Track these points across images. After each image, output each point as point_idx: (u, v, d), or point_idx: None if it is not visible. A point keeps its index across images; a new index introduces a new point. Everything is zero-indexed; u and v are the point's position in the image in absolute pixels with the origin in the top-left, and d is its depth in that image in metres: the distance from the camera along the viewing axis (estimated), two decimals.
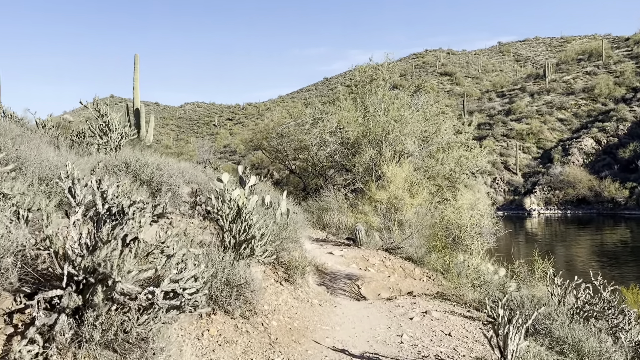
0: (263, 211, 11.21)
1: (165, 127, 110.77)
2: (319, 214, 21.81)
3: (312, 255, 14.39)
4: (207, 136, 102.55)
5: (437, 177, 22.78)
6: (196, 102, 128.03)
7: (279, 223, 11.37)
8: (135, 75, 35.02)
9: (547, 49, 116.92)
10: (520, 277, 10.99)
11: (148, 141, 33.22)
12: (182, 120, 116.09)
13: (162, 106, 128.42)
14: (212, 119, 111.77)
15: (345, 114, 22.73)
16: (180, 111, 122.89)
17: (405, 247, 16.38)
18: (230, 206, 8.30)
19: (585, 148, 68.03)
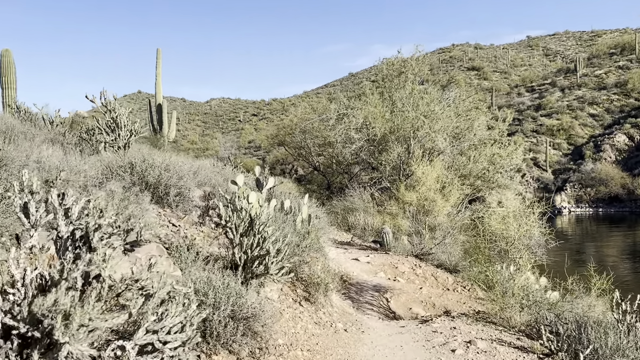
0: (282, 217, 9.96)
1: (192, 122, 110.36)
2: (344, 214, 20.53)
3: (336, 263, 13.14)
4: (232, 131, 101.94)
5: (470, 176, 21.30)
6: (222, 98, 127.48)
7: (300, 231, 10.12)
8: (157, 70, 34.08)
9: (577, 43, 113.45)
10: (573, 292, 9.56)
11: (171, 137, 32.25)
12: (207, 116, 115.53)
13: (188, 102, 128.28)
14: (238, 115, 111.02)
15: (372, 110, 21.35)
16: (206, 107, 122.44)
17: (436, 254, 15.01)
18: (242, 216, 7.05)
19: (617, 144, 65.43)
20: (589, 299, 9.78)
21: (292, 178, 49.10)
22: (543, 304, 8.83)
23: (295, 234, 9.37)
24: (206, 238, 8.71)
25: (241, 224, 7.03)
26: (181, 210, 9.89)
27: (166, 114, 32.01)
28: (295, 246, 8.56)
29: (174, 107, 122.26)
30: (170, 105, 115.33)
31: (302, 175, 43.27)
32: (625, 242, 40.36)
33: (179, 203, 9.84)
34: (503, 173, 21.61)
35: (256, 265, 6.93)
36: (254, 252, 6.96)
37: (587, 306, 8.71)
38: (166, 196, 9.66)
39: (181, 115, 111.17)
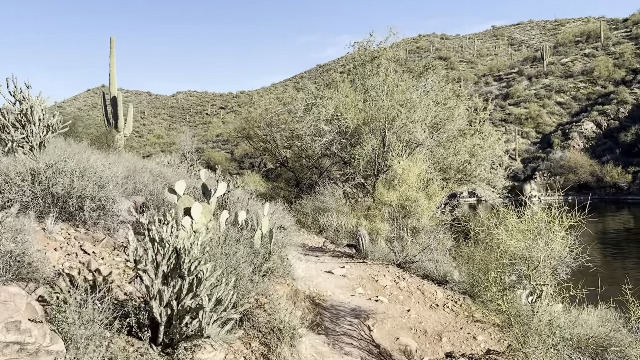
0: (235, 235, 7.60)
1: (158, 116, 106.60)
2: (315, 215, 18.26)
3: (305, 280, 10.84)
4: (199, 125, 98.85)
5: (450, 169, 19.20)
6: (188, 91, 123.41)
7: (258, 251, 7.78)
8: (111, 59, 31.01)
9: (541, 33, 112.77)
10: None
11: (127, 133, 29.49)
12: (174, 110, 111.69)
13: (154, 95, 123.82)
14: (205, 108, 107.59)
15: (343, 99, 19.01)
16: (173, 100, 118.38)
17: (421, 262, 12.84)
18: (162, 250, 4.67)
19: (585, 132, 64.69)
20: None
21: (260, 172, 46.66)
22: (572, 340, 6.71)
23: (249, 260, 7.03)
24: (127, 271, 6.30)
25: (163, 262, 4.65)
26: (102, 228, 7.44)
27: (122, 107, 29.07)
28: (248, 282, 6.21)
29: (140, 100, 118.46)
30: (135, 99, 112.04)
31: (271, 169, 40.88)
32: (596, 229, 39.16)
33: (98, 220, 7.39)
34: (486, 165, 19.57)
35: (186, 323, 4.58)
36: (183, 303, 4.61)
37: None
38: (79, 211, 7.21)
39: (147, 109, 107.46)
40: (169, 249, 4.65)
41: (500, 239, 6.75)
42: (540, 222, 6.46)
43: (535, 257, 6.40)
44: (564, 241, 6.48)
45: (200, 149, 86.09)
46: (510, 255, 6.58)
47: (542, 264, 6.42)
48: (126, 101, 32.79)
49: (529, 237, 6.52)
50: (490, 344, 9.30)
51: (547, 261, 6.44)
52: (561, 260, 6.44)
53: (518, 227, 6.60)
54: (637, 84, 66.21)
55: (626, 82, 68.13)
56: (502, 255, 6.75)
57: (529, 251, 6.41)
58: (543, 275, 6.52)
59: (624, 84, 67.86)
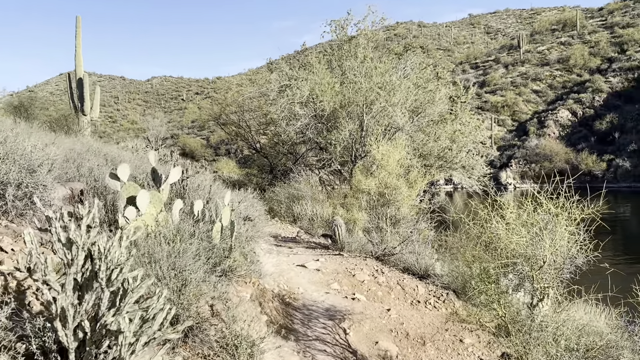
0: (189, 228, 6.44)
1: (132, 101, 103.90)
2: (289, 203, 17.11)
3: (275, 275, 9.74)
4: (175, 111, 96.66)
5: (430, 156, 18.20)
6: (164, 76, 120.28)
7: (217, 247, 6.62)
8: (77, 40, 29.21)
9: (517, 21, 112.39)
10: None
11: (94, 116, 27.89)
12: (149, 95, 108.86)
13: (128, 80, 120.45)
14: (180, 94, 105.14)
15: (319, 81, 17.79)
16: (147, 85, 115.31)
17: (402, 254, 11.81)
18: (71, 254, 3.49)
19: (561, 120, 64.47)
20: None
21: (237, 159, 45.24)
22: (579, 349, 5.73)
23: (205, 259, 5.88)
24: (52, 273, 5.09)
25: (71, 269, 3.48)
26: (30, 221, 6.21)
27: (88, 89, 27.38)
28: (198, 286, 5.06)
29: (113, 85, 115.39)
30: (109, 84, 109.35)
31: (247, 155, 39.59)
32: None
33: (24, 210, 6.17)
34: (467, 152, 18.61)
35: (105, 350, 3.43)
36: (103, 322, 3.46)
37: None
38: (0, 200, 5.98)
39: (121, 94, 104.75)
40: (79, 251, 3.48)
41: (499, 234, 5.69)
42: (547, 215, 5.41)
43: (540, 255, 5.36)
44: (573, 236, 5.45)
45: (175, 135, 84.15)
46: (511, 253, 5.53)
47: (548, 263, 5.38)
48: (97, 84, 30.92)
49: (533, 232, 5.48)
50: (479, 347, 8.32)
51: (554, 260, 5.41)
52: (571, 258, 5.42)
53: (521, 220, 5.55)
54: (612, 72, 66.07)
55: (601, 70, 67.98)
56: (501, 253, 5.70)
57: (534, 248, 5.36)
58: (548, 276, 5.49)
59: (599, 72, 67.71)
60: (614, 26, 75.30)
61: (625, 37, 70.17)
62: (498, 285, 5.85)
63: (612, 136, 59.08)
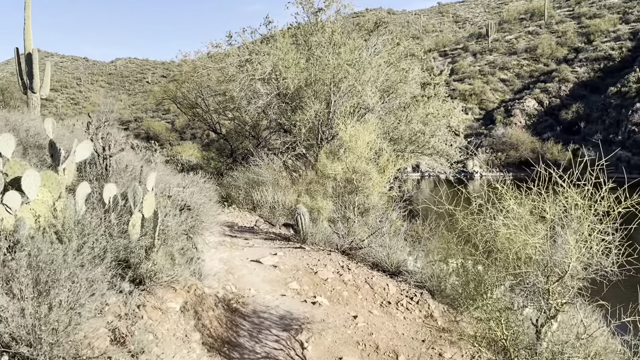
0: (89, 222, 4.80)
1: (95, 83, 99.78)
2: (248, 189, 15.48)
3: (223, 273, 8.18)
4: (139, 93, 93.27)
5: (401, 140, 16.76)
6: (128, 58, 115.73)
7: (135, 245, 5.01)
8: (26, 12, 26.56)
9: (485, 11, 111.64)
10: None
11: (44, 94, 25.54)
12: (112, 77, 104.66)
13: (92, 61, 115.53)
14: (145, 76, 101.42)
15: (283, 56, 16.08)
16: (111, 67, 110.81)
17: (370, 248, 10.33)
18: None
19: (527, 109, 63.93)
20: None
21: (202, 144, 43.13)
22: None
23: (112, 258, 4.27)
24: None
25: None
26: None
27: (37, 65, 24.97)
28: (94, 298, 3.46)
29: (76, 67, 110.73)
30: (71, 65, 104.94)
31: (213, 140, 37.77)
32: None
33: None
34: (440, 136, 17.23)
35: None
36: None
37: None
38: None
39: (83, 75, 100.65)
40: None
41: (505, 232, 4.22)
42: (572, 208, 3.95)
43: (560, 261, 3.91)
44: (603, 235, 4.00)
45: (139, 118, 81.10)
46: (517, 257, 4.07)
47: (571, 272, 3.93)
48: (47, 60, 28.52)
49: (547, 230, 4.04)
50: None
51: (578, 268, 3.96)
52: (599, 265, 3.98)
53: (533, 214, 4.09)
54: (579, 62, 65.76)
55: (568, 60, 67.61)
56: (504, 258, 4.23)
57: (552, 253, 3.91)
58: (567, 289, 4.05)
59: (565, 62, 67.33)
60: (581, 16, 75.01)
61: (592, 27, 69.93)
62: (498, 298, 4.39)
63: (577, 126, 58.80)
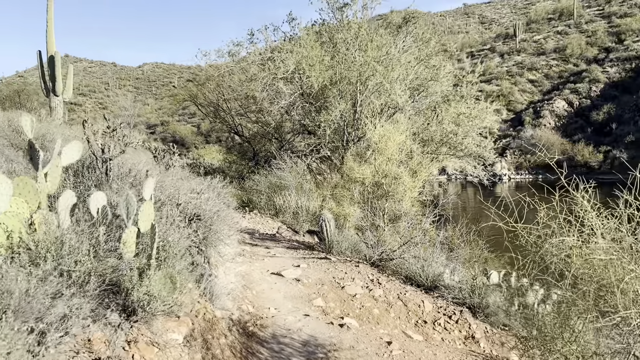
0: (73, 238, 3.90)
1: (122, 88, 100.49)
2: (270, 193, 14.57)
3: (241, 287, 7.27)
4: (166, 98, 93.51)
5: (432, 141, 15.69)
6: (155, 63, 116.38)
7: (126, 266, 4.10)
8: (48, 14, 26.21)
9: (512, 11, 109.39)
10: None
11: (67, 97, 25.11)
12: (140, 81, 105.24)
13: (120, 66, 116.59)
14: (172, 80, 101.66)
15: (307, 53, 15.15)
16: (139, 72, 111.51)
17: (403, 260, 9.32)
18: None
19: (557, 110, 62.08)
20: None
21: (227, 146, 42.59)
22: None
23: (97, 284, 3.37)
24: None
25: None
26: None
27: (60, 67, 24.51)
28: None
29: (104, 71, 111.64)
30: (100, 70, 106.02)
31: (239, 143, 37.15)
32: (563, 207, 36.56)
33: None
34: (473, 137, 16.12)
35: None
36: None
37: None
38: None
39: (111, 80, 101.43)
40: None
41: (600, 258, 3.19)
42: None
43: None
44: None
45: (165, 122, 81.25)
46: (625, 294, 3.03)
47: None
48: (71, 66, 28.00)
49: None
50: None
51: None
52: None
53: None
54: (609, 62, 63.68)
55: (598, 60, 65.55)
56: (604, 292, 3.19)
57: None
58: None
59: (596, 62, 65.29)
60: (612, 15, 72.75)
61: (623, 26, 67.70)
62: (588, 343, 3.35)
63: (609, 127, 56.83)
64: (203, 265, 6.31)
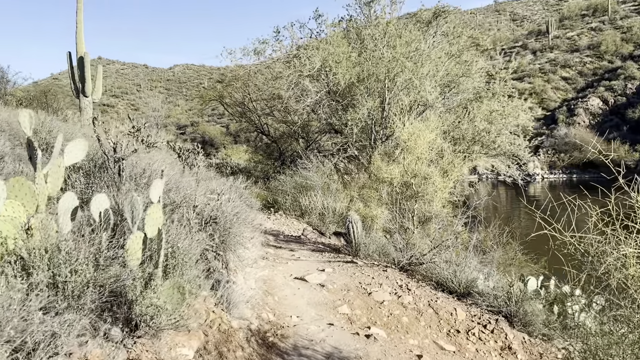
0: (69, 245, 3.52)
1: (154, 89, 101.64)
2: (296, 194, 14.17)
3: (261, 293, 6.88)
4: (196, 99, 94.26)
5: (463, 140, 15.08)
6: (185, 64, 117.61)
7: (127, 277, 3.71)
8: (78, 16, 26.26)
9: (543, 8, 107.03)
10: None
11: (96, 97, 25.13)
12: (171, 83, 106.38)
13: (151, 68, 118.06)
14: (202, 82, 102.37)
15: (333, 50, 14.70)
16: (169, 73, 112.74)
17: (433, 264, 8.79)
18: None
19: (591, 108, 60.24)
20: None
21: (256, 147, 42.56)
22: None
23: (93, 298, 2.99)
24: None
25: None
26: None
27: (89, 68, 24.53)
28: None
29: (136, 73, 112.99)
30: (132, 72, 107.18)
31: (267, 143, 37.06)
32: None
33: None
34: (507, 135, 15.44)
35: None
36: None
37: None
38: None
39: (143, 82, 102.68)
40: None
41: None
42: None
43: None
44: None
45: (195, 122, 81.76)
46: None
47: None
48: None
49: None
50: None
51: None
52: None
53: None
54: None
55: (634, 57, 63.38)
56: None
57: None
58: None
59: (631, 59, 63.14)
60: None
61: None
62: None
63: None
64: (220, 271, 5.94)
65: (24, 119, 3.99)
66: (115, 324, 3.64)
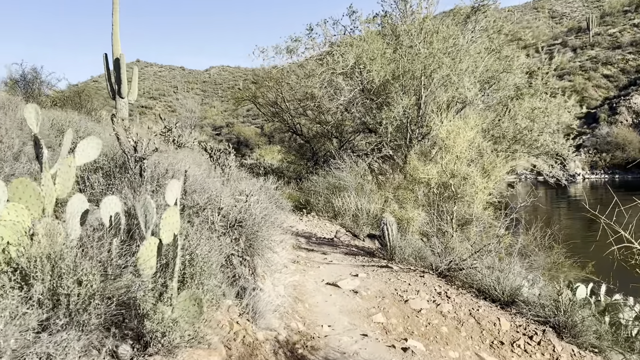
0: (72, 253, 3.15)
1: (190, 91, 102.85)
2: (328, 195, 13.73)
3: (291, 300, 6.47)
4: (231, 100, 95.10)
5: (504, 139, 14.39)
6: (221, 66, 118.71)
7: (137, 288, 3.32)
8: (114, 17, 26.37)
9: (583, 5, 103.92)
10: None
11: (132, 99, 25.23)
12: (207, 85, 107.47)
13: (188, 70, 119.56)
14: (237, 83, 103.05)
15: (367, 47, 14.20)
16: (206, 75, 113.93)
17: (474, 270, 8.23)
18: None
19: (634, 107, 58.10)
20: None
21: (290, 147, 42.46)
22: None
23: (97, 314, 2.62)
24: None
25: None
26: None
27: (125, 70, 24.65)
28: None
29: (173, 75, 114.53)
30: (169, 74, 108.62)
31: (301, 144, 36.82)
32: None
33: None
34: (551, 134, 14.68)
35: None
36: None
37: None
38: None
39: (180, 84, 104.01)
40: None
41: None
42: None
43: None
44: None
45: (230, 123, 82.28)
46: None
47: None
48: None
49: None
50: None
51: None
52: None
53: None
54: None
55: None
56: None
57: None
58: None
59: None
60: None
61: None
62: None
63: None
64: (246, 277, 5.54)
65: (30, 115, 3.67)
66: (124, 340, 3.27)
